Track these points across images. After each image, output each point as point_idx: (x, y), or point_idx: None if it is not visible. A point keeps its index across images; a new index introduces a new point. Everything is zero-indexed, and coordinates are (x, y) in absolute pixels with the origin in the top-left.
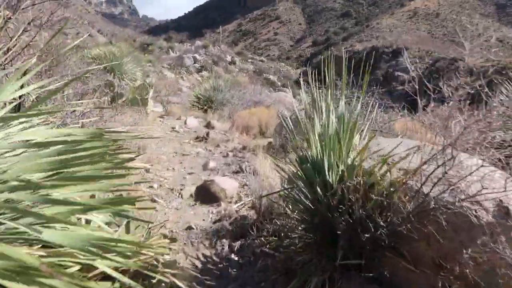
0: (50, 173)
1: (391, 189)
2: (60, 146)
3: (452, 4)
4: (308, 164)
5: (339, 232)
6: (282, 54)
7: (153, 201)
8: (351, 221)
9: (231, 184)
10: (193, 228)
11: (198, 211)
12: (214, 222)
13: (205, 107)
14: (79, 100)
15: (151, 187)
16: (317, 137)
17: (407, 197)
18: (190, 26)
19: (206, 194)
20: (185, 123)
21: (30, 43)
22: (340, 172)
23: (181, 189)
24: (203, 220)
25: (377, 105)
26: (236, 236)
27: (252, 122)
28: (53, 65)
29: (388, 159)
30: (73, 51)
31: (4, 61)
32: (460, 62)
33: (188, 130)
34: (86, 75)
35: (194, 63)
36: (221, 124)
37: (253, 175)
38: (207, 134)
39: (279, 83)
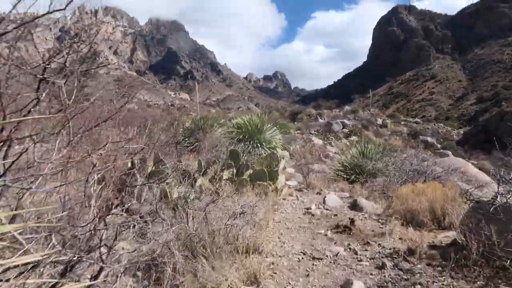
0: None
1: None
2: None
3: None
4: None
5: None
6: (440, 114)
7: None
8: None
9: None
10: None
11: None
12: None
13: (352, 177)
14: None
15: None
16: None
17: None
18: (339, 93)
19: None
20: (324, 201)
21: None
22: None
23: None
24: None
25: None
26: None
27: (418, 205)
28: (202, 138)
29: None
30: (221, 122)
31: None
32: None
33: (327, 213)
34: (218, 144)
35: (343, 128)
36: (372, 205)
37: None
38: (352, 221)
39: (438, 145)
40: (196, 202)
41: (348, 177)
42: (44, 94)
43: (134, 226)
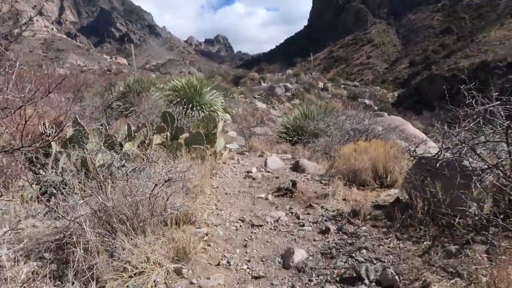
0: None
1: None
2: None
3: None
4: None
5: None
6: (376, 77)
7: None
8: None
9: None
10: None
11: None
12: None
13: (294, 139)
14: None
15: None
16: None
17: None
18: (282, 57)
19: None
20: (266, 164)
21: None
22: None
23: None
24: None
25: None
26: None
27: (361, 164)
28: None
29: None
30: (159, 85)
31: None
32: None
33: (268, 176)
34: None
35: (286, 91)
36: (315, 165)
37: None
38: (294, 183)
39: (375, 107)
40: (120, 171)
41: (290, 138)
42: None
43: (48, 200)
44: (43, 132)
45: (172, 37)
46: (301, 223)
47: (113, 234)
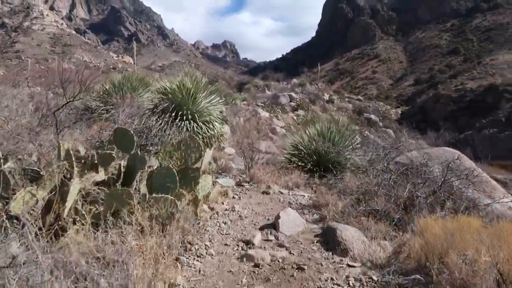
0: None
1: None
2: None
3: None
4: None
5: None
6: (380, 93)
7: None
8: None
9: None
10: None
11: None
12: None
13: (309, 166)
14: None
15: None
16: None
17: None
18: (287, 66)
19: None
20: (277, 225)
21: None
22: None
23: None
24: None
25: None
26: None
27: (480, 270)
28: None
29: None
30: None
31: None
32: None
33: (283, 260)
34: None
35: (290, 101)
36: (362, 240)
37: None
38: None
39: (380, 124)
40: None
41: (303, 164)
42: None
43: None
44: None
45: (180, 39)
46: None
47: None
